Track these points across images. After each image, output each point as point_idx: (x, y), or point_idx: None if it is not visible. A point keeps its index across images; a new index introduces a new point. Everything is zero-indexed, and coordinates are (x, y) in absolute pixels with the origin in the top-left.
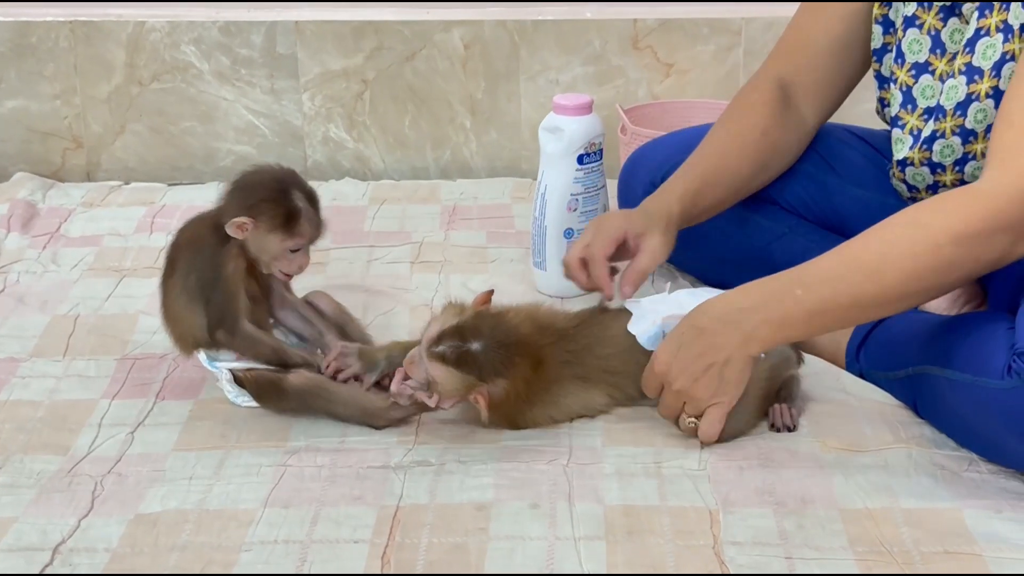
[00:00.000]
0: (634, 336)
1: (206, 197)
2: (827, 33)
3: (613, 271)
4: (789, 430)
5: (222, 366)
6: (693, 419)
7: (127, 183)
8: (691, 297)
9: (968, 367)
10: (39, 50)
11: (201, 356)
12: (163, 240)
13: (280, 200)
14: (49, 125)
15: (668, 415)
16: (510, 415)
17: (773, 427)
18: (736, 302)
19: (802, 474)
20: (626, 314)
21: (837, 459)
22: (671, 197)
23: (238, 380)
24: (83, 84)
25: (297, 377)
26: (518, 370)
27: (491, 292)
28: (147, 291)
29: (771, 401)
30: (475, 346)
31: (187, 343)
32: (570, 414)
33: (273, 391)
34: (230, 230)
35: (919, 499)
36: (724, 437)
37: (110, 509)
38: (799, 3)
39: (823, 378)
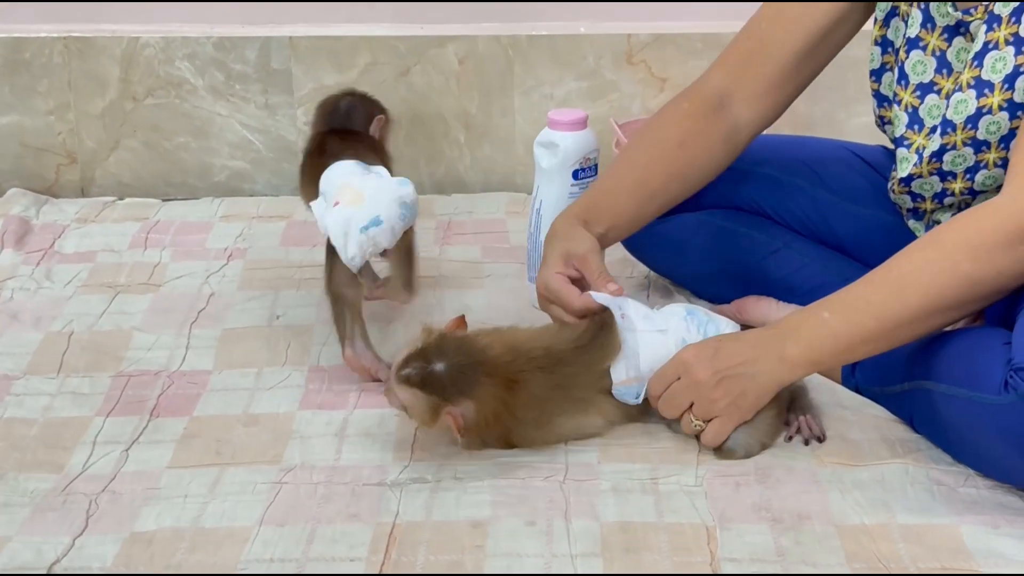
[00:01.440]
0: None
1: (201, 213)
2: (786, 44)
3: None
4: (819, 441)
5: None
6: (700, 422)
7: (121, 199)
8: (681, 321)
9: (964, 382)
10: (33, 66)
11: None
12: (157, 256)
13: None
14: (43, 141)
15: (670, 412)
16: (500, 436)
17: (790, 439)
18: (773, 326)
19: (799, 490)
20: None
21: (834, 474)
22: (569, 212)
23: None
24: (77, 100)
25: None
26: (486, 390)
27: (463, 317)
28: (141, 307)
29: (784, 418)
30: (438, 367)
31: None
32: (564, 436)
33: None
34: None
35: (916, 515)
36: (740, 455)
37: (104, 528)
38: (759, 9)
39: (820, 393)
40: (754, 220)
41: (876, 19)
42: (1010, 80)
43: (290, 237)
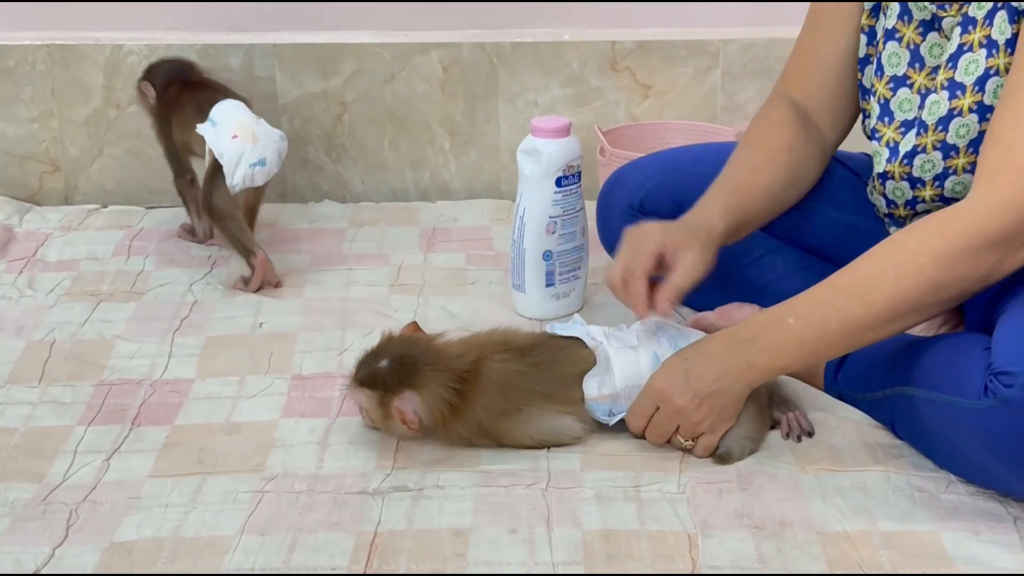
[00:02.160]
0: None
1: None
2: (831, 50)
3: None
4: (809, 435)
5: None
6: (689, 441)
7: (104, 206)
8: (651, 335)
9: (945, 387)
10: (16, 73)
11: None
12: (140, 264)
13: None
14: (26, 148)
15: (658, 440)
16: (476, 429)
17: (788, 437)
18: (736, 333)
19: (781, 496)
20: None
21: (815, 481)
22: (713, 211)
23: None
24: (60, 107)
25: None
26: (429, 378)
27: (415, 323)
28: (124, 315)
29: (766, 412)
30: (382, 364)
31: None
32: (541, 431)
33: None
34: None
35: (897, 521)
36: (736, 457)
37: (85, 537)
38: (802, 23)
39: (801, 399)
40: None
41: (865, 8)
42: (981, 82)
43: (273, 245)
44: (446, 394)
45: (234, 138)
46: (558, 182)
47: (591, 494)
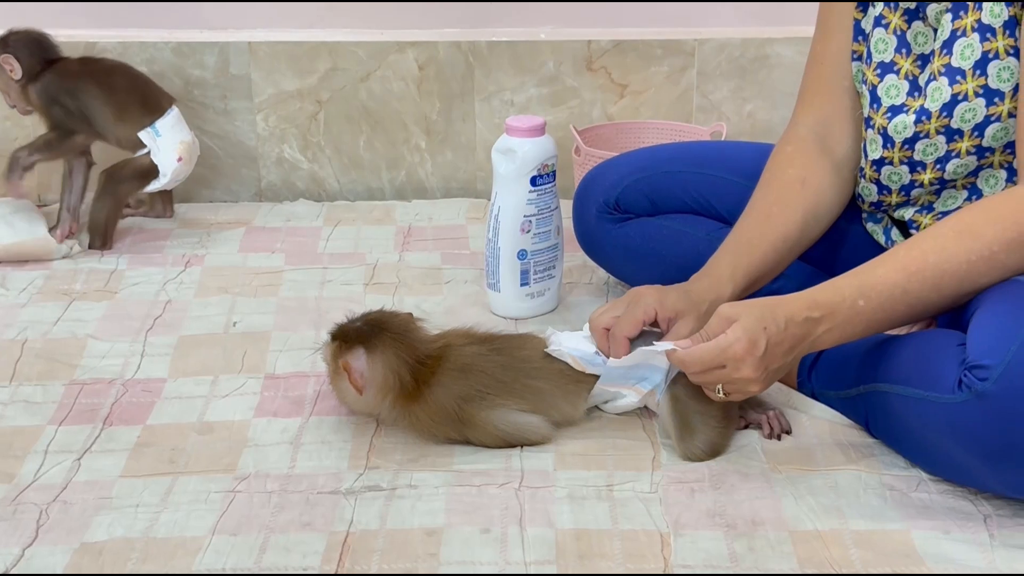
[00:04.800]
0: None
1: (158, 219)
2: (836, 49)
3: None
4: (788, 433)
5: None
6: (724, 395)
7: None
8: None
9: (919, 382)
10: None
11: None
12: (114, 263)
13: None
14: None
15: (701, 383)
16: (440, 414)
17: (771, 436)
18: (804, 310)
19: (753, 496)
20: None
21: (788, 480)
22: (721, 274)
23: None
24: None
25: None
26: (387, 345)
27: (410, 314)
28: (97, 315)
29: (736, 406)
30: (356, 324)
31: None
32: (512, 426)
33: None
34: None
35: (868, 520)
36: (720, 451)
37: (55, 538)
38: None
39: (774, 398)
40: (712, 224)
41: (856, 3)
42: (981, 66)
43: (248, 244)
44: (397, 365)
45: (179, 160)
46: (533, 181)
47: (564, 493)
